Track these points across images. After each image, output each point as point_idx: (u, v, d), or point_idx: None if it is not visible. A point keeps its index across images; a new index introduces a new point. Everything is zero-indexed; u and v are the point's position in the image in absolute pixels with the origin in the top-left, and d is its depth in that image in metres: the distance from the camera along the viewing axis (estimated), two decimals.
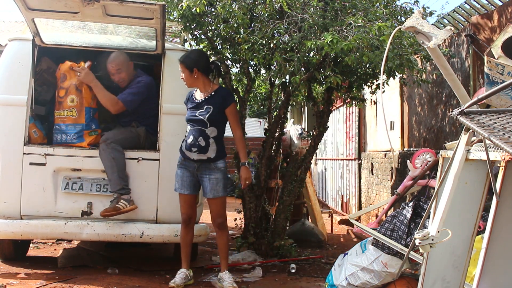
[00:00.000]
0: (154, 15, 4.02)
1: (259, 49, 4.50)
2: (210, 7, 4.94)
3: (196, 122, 4.22)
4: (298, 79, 4.40)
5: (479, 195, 2.44)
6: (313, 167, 13.70)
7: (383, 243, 3.65)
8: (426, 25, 2.43)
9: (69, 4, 3.92)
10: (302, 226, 6.69)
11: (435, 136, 6.46)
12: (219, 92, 4.34)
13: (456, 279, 2.58)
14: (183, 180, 4.26)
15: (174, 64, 4.56)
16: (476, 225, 2.49)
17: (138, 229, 4.38)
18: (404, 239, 3.57)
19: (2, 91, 4.46)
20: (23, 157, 4.38)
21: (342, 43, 4.00)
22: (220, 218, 4.30)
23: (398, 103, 7.78)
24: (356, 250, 3.89)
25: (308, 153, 5.66)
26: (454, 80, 2.56)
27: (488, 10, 5.62)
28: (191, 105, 4.31)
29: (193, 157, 4.21)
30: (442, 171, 2.55)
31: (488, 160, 2.14)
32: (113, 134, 4.51)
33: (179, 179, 4.27)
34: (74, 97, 4.50)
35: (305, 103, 10.56)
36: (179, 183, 4.27)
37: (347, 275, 3.78)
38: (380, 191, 8.10)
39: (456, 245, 2.51)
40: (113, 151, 4.36)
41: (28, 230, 4.29)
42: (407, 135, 7.52)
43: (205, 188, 4.26)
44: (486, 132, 1.95)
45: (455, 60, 5.94)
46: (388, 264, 3.61)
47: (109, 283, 4.10)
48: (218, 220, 4.30)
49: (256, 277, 4.67)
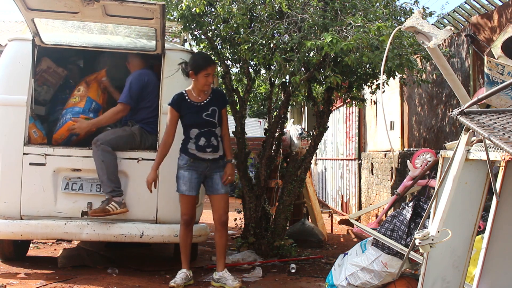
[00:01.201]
0: (153, 15, 4.02)
1: (259, 49, 4.50)
2: (210, 7, 4.94)
3: (205, 125, 4.28)
4: (298, 79, 4.40)
5: (479, 195, 2.44)
6: (313, 167, 13.70)
7: (383, 243, 3.65)
8: (426, 25, 2.43)
9: (68, 4, 3.92)
10: (302, 226, 6.69)
11: (435, 136, 6.46)
12: (216, 93, 4.43)
13: (456, 279, 2.58)
14: (191, 182, 4.26)
15: (174, 64, 4.56)
16: (476, 225, 2.49)
17: (138, 229, 4.38)
18: (404, 239, 3.57)
19: (2, 91, 4.46)
20: (23, 157, 4.38)
21: (342, 43, 3.99)
22: (226, 215, 4.38)
23: (398, 103, 7.78)
24: (356, 250, 3.89)
25: (308, 153, 5.66)
26: (454, 80, 2.56)
27: (488, 10, 5.62)
28: (190, 109, 4.29)
29: (207, 157, 4.28)
30: (442, 171, 2.55)
31: (488, 160, 2.14)
32: (103, 135, 4.50)
33: (187, 181, 4.25)
34: (82, 88, 4.74)
35: (305, 103, 10.56)
36: (187, 185, 4.26)
37: (347, 275, 3.78)
38: (380, 191, 8.10)
39: (456, 245, 2.51)
40: (103, 153, 4.34)
41: (28, 230, 4.29)
42: (407, 135, 7.52)
43: (217, 185, 4.33)
44: (486, 132, 1.95)
45: (455, 60, 5.94)
46: (388, 264, 3.61)
47: (109, 283, 4.10)
48: (223, 218, 4.35)
49: (256, 277, 4.67)
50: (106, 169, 4.32)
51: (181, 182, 4.27)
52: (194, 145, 4.27)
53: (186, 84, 4.57)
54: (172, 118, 4.30)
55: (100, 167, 4.33)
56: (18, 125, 4.39)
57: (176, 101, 4.33)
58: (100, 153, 4.34)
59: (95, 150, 4.36)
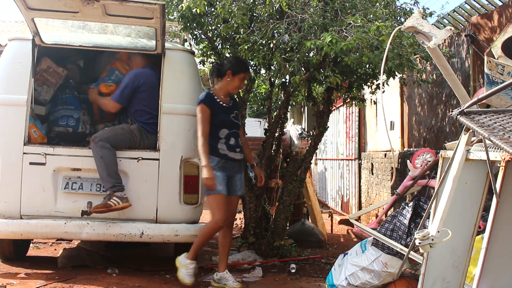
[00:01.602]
0: (154, 14, 4.02)
1: (259, 49, 4.50)
2: (210, 7, 4.94)
3: (233, 125, 4.38)
4: (298, 79, 4.40)
5: (479, 195, 2.44)
6: (313, 167, 13.70)
7: (383, 243, 3.65)
8: (426, 25, 2.43)
9: (69, 3, 3.91)
10: (302, 226, 6.69)
11: (435, 136, 6.46)
12: (233, 98, 4.58)
13: (456, 279, 2.58)
14: (225, 182, 4.28)
15: (174, 64, 4.55)
16: (476, 225, 2.49)
17: (138, 229, 4.37)
18: (404, 239, 3.57)
19: (2, 91, 4.46)
20: (23, 157, 4.37)
21: (342, 43, 4.00)
22: (234, 216, 4.49)
23: (398, 103, 7.78)
24: (356, 250, 3.89)
25: (308, 153, 5.66)
26: (454, 80, 2.56)
27: (488, 10, 5.62)
28: (221, 109, 4.34)
29: (238, 157, 4.38)
30: (442, 171, 2.55)
31: (488, 160, 2.14)
32: (101, 132, 4.52)
33: (222, 181, 4.23)
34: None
35: (305, 103, 10.55)
36: (222, 185, 4.23)
37: (347, 275, 3.78)
38: (380, 191, 8.10)
39: (456, 245, 2.51)
40: (101, 150, 4.34)
41: (28, 230, 4.28)
42: (407, 135, 7.52)
43: (237, 186, 4.41)
44: (486, 132, 1.95)
45: (455, 60, 5.94)
46: (388, 264, 3.61)
47: (109, 283, 4.10)
48: (231, 218, 4.45)
49: (256, 277, 4.67)
50: (105, 165, 4.32)
51: (217, 182, 4.18)
52: (225, 145, 4.30)
53: (186, 84, 4.57)
54: (206, 115, 4.26)
55: (100, 163, 4.33)
56: (18, 124, 4.39)
57: (208, 99, 4.30)
58: (99, 149, 4.34)
59: (93, 147, 4.37)
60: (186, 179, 4.54)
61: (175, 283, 4.34)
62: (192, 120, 4.50)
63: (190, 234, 4.45)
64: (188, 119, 4.58)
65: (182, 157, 4.52)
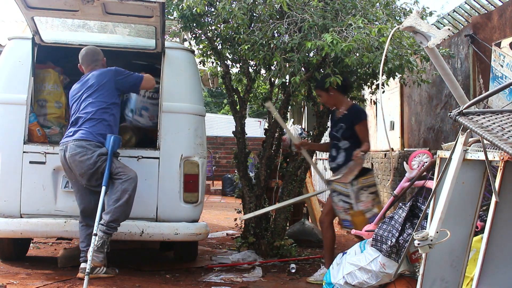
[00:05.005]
0: (153, 13, 4.02)
1: (259, 49, 4.50)
2: (210, 7, 4.94)
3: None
4: (298, 79, 4.40)
5: (476, 195, 2.44)
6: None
7: (381, 244, 3.65)
8: (424, 25, 2.43)
9: (68, 2, 3.92)
10: (302, 226, 6.69)
11: (435, 136, 6.46)
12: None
13: (454, 279, 2.58)
14: None
15: (173, 63, 4.55)
16: (473, 224, 2.49)
17: (138, 228, 4.37)
18: (396, 236, 3.55)
19: (2, 90, 4.46)
20: (23, 156, 4.37)
21: (342, 44, 3.99)
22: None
23: (398, 103, 7.78)
24: (355, 250, 3.89)
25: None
26: (452, 80, 2.57)
27: (488, 10, 5.61)
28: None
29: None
30: (440, 172, 2.56)
31: (486, 160, 2.14)
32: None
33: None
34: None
35: (305, 103, 10.53)
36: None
37: (344, 274, 3.78)
38: (380, 191, 8.09)
39: (454, 245, 2.51)
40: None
41: (28, 229, 4.29)
42: (407, 135, 7.52)
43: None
44: (485, 132, 1.95)
45: (455, 60, 5.94)
46: (386, 265, 3.61)
47: (109, 283, 4.10)
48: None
49: (256, 277, 4.66)
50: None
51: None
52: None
53: (187, 84, 4.56)
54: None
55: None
56: (18, 123, 4.39)
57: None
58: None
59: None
60: (186, 178, 4.54)
61: (175, 283, 4.35)
62: (192, 119, 4.51)
63: (190, 232, 4.46)
64: (188, 118, 4.58)
65: (182, 156, 4.52)
